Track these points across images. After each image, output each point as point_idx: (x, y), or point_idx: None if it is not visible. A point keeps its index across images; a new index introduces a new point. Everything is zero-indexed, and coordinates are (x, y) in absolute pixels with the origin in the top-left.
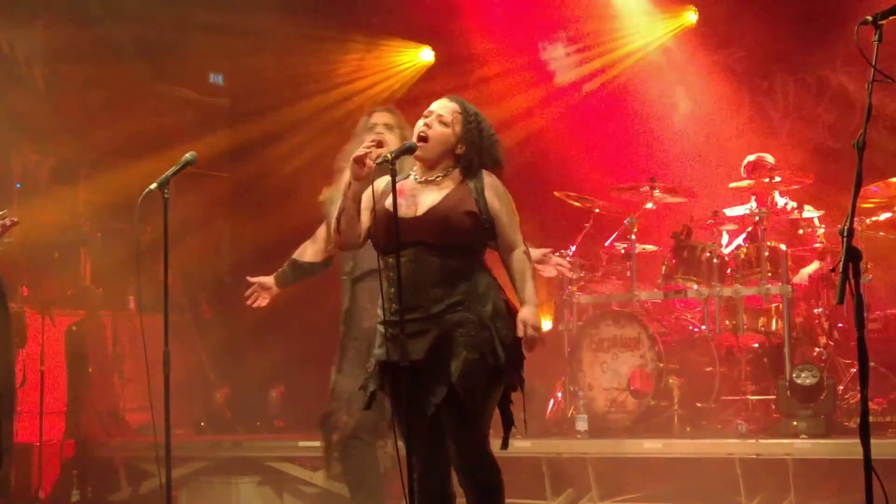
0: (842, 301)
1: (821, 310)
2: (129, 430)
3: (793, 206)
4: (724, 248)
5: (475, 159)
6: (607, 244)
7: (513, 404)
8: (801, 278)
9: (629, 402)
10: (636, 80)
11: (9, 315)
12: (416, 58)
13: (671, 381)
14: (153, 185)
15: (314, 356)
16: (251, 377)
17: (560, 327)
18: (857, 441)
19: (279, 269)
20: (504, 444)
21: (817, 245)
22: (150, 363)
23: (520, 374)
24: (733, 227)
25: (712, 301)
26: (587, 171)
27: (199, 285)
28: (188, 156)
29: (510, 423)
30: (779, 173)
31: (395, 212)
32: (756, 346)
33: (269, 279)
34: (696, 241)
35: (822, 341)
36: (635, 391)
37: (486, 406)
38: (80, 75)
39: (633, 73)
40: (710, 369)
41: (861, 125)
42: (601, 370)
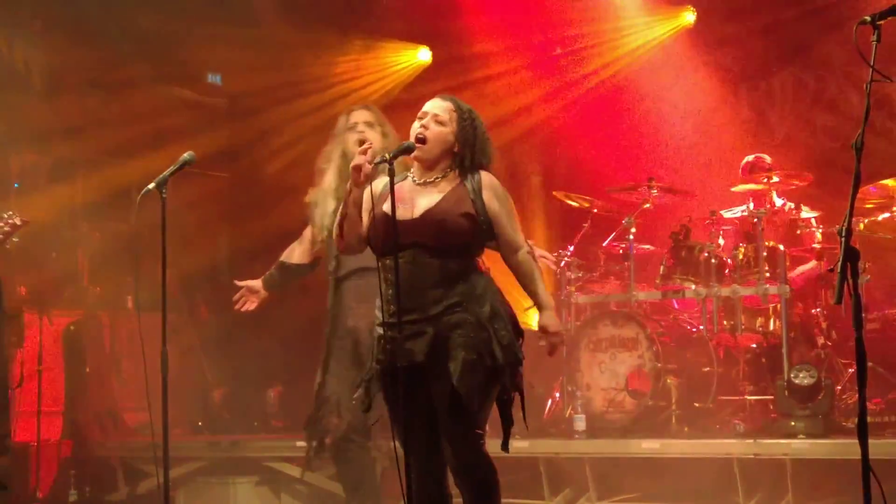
0: (840, 301)
1: (819, 310)
2: (127, 429)
3: (791, 206)
4: (722, 249)
5: (468, 156)
6: (605, 244)
7: (512, 405)
8: (796, 273)
9: (627, 402)
10: (634, 80)
11: (3, 312)
12: (414, 58)
13: (669, 381)
14: (151, 185)
15: (312, 356)
16: (249, 377)
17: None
18: (855, 441)
19: (267, 272)
20: (504, 446)
21: (815, 245)
22: (147, 363)
23: (518, 374)
24: (731, 227)
25: (710, 301)
26: (585, 171)
27: (197, 285)
28: (186, 155)
29: (510, 424)
30: (777, 174)
31: (394, 212)
32: (754, 346)
33: (256, 282)
34: (695, 241)
35: (821, 341)
36: (633, 391)
37: (484, 406)
38: (78, 75)
39: (632, 74)
40: (708, 369)
41: (859, 125)
42: (599, 370)
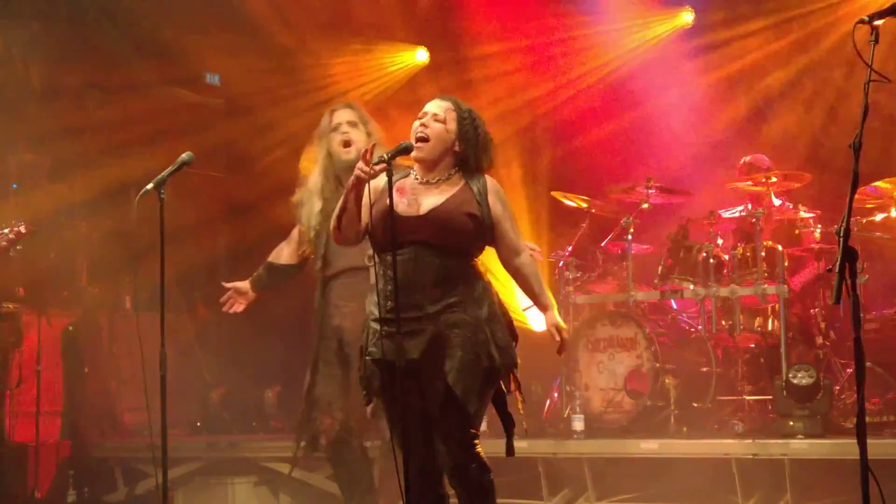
0: (838, 301)
1: (817, 310)
2: (126, 430)
3: (789, 206)
4: (721, 249)
5: (472, 156)
6: (604, 244)
7: (508, 406)
8: (796, 279)
9: (626, 403)
10: (633, 80)
11: None
12: (412, 58)
13: (667, 381)
14: (150, 186)
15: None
16: (247, 377)
17: None
18: (854, 441)
19: (255, 273)
20: (509, 450)
21: (813, 245)
22: (146, 363)
23: (514, 377)
24: (729, 227)
25: (709, 301)
26: (583, 171)
27: (195, 286)
28: (185, 156)
29: (512, 425)
30: (775, 174)
31: (392, 213)
32: (752, 346)
33: (244, 284)
34: (693, 241)
35: (819, 341)
36: (632, 391)
37: (479, 407)
38: (76, 76)
39: (630, 74)
40: (707, 369)
41: (857, 125)
42: (598, 370)
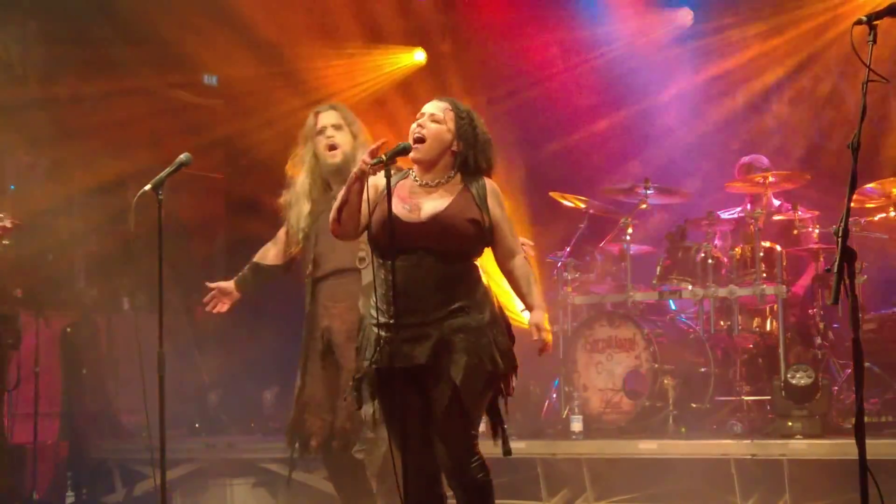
0: (837, 301)
1: (816, 310)
2: (124, 431)
3: (787, 207)
4: (719, 250)
5: (470, 156)
6: (602, 245)
7: (503, 407)
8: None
9: (624, 403)
10: (631, 80)
11: None
12: (410, 59)
13: (666, 381)
14: (148, 187)
15: None
16: (246, 379)
17: (555, 328)
18: (853, 441)
19: (239, 273)
20: (505, 450)
21: (812, 246)
22: (144, 364)
23: (513, 380)
24: (728, 228)
25: (707, 302)
26: (582, 171)
27: (193, 287)
28: (183, 157)
29: (503, 427)
30: (773, 174)
31: (390, 214)
32: (751, 346)
33: (229, 284)
34: (691, 241)
35: (817, 342)
36: (630, 392)
37: (479, 409)
38: (74, 77)
39: (628, 74)
40: (705, 370)
41: (856, 126)
42: (596, 371)
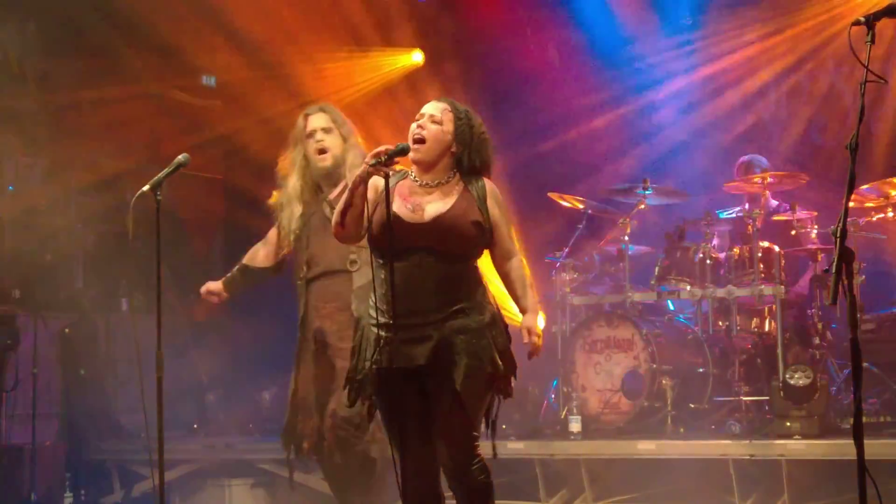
0: (835, 302)
1: (814, 311)
2: (122, 432)
3: (785, 207)
4: (717, 250)
5: (468, 157)
6: (600, 245)
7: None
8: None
9: (622, 404)
10: (629, 79)
11: None
12: (408, 60)
13: (664, 382)
14: (146, 187)
15: None
16: (244, 379)
17: (553, 329)
18: (851, 442)
19: (228, 274)
20: (493, 453)
21: (810, 246)
22: (142, 365)
23: (511, 381)
24: (726, 228)
25: (705, 302)
26: (580, 171)
27: (192, 287)
28: (181, 158)
29: (494, 429)
30: (772, 174)
31: (389, 215)
32: (749, 346)
33: (217, 284)
34: (690, 242)
35: (816, 342)
36: (628, 392)
37: (480, 411)
38: (72, 78)
39: (626, 73)
40: (704, 370)
41: (854, 126)
42: (594, 371)
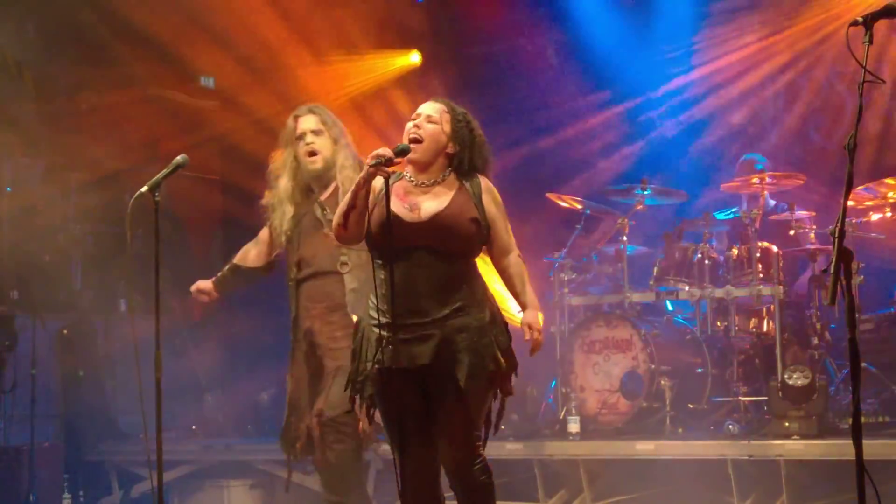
0: (834, 302)
1: (812, 311)
2: (121, 433)
3: (784, 207)
4: (715, 250)
5: (466, 157)
6: (599, 246)
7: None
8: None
9: (621, 404)
10: (627, 79)
11: None
12: (406, 60)
13: (663, 382)
14: (144, 189)
15: None
16: (243, 380)
17: (551, 329)
18: (849, 442)
19: (219, 273)
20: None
21: (809, 246)
22: (141, 366)
23: (512, 379)
24: (724, 228)
25: (704, 302)
26: (579, 172)
27: (190, 288)
28: (179, 158)
29: (488, 427)
30: (770, 174)
31: (388, 215)
32: (748, 347)
33: (207, 283)
34: (688, 242)
35: (814, 342)
36: (627, 392)
37: (482, 410)
38: (70, 79)
39: (624, 72)
40: (702, 370)
41: (852, 126)
42: (593, 372)
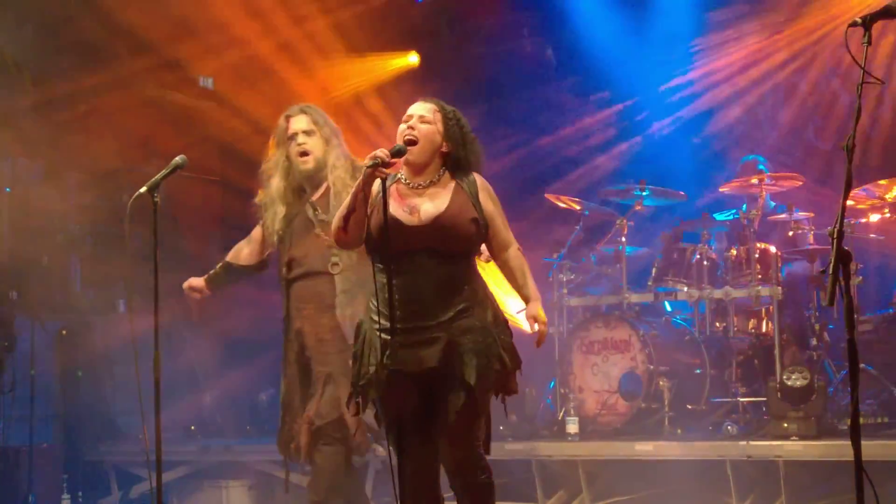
0: (832, 303)
1: (811, 312)
2: (120, 434)
3: (783, 208)
4: (714, 251)
5: (461, 156)
6: (597, 246)
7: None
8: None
9: (620, 405)
10: (626, 79)
11: None
12: (404, 61)
13: (661, 383)
14: (143, 189)
15: None
16: (241, 381)
17: (550, 330)
18: (848, 442)
19: (211, 271)
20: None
21: (808, 247)
22: (140, 367)
23: (516, 378)
24: (723, 229)
25: (703, 303)
26: (577, 171)
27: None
28: (178, 159)
29: (489, 427)
30: (769, 175)
31: (386, 216)
32: (746, 347)
33: (199, 281)
34: (686, 243)
35: (813, 343)
36: (626, 393)
37: (486, 409)
38: (69, 79)
39: (623, 72)
40: (701, 371)
41: (851, 127)
42: (591, 372)
